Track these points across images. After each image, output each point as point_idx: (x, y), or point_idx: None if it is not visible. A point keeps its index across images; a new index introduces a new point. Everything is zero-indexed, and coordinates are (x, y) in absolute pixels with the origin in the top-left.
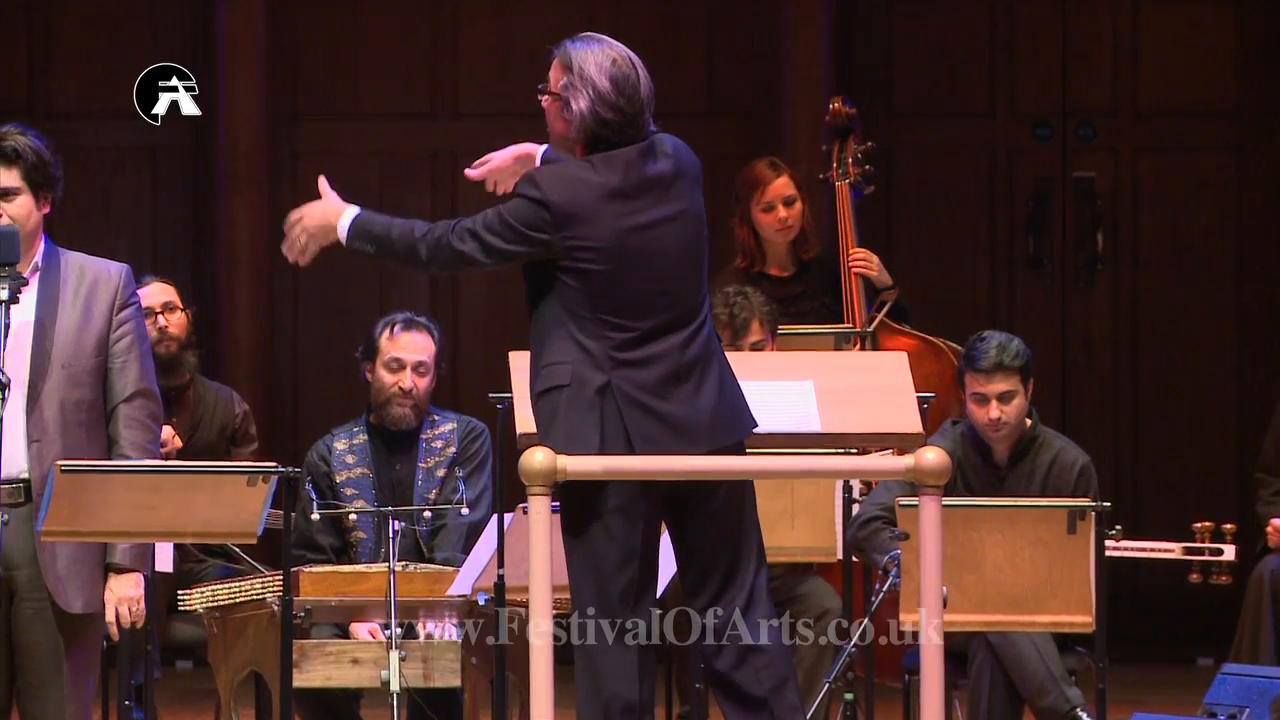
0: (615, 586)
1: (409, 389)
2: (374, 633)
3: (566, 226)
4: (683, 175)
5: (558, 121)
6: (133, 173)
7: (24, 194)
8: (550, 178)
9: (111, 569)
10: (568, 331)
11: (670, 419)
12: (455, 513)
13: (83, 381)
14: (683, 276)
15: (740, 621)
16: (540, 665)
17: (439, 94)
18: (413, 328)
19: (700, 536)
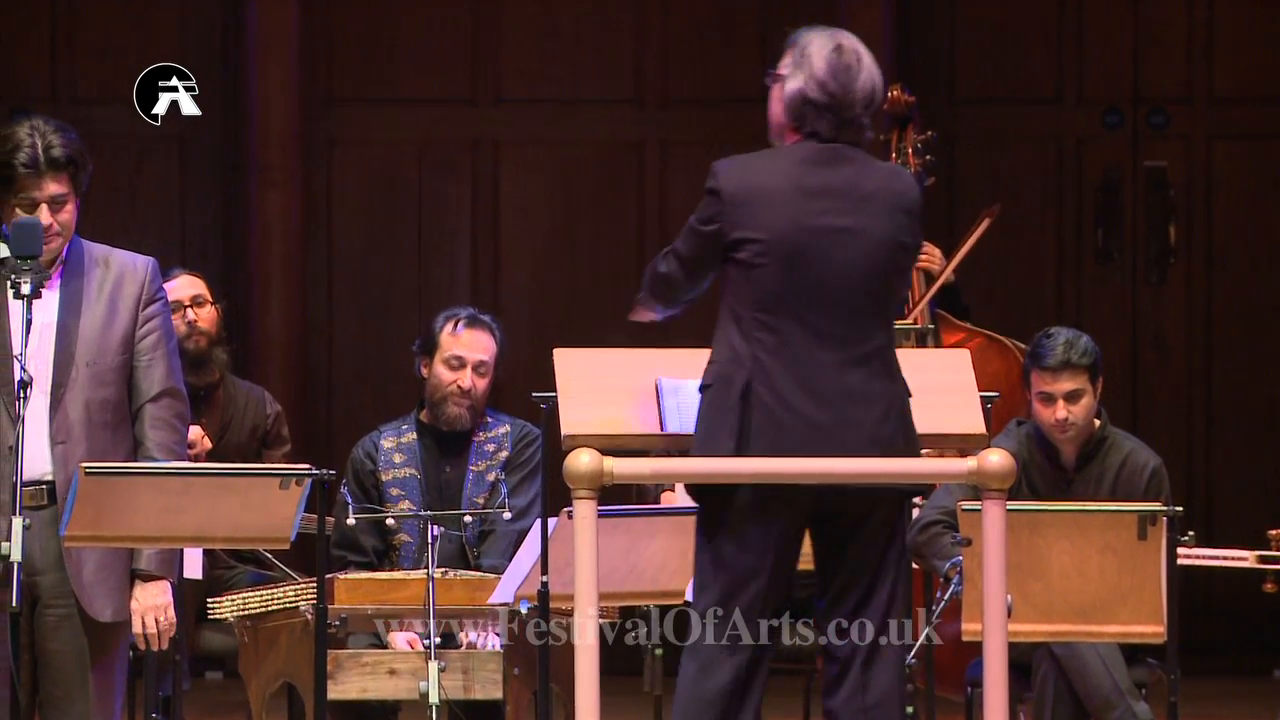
0: (739, 594)
1: (468, 388)
2: (412, 642)
3: (734, 215)
4: (882, 196)
5: (775, 104)
6: (160, 161)
7: (72, 200)
8: (728, 165)
9: (137, 576)
10: (725, 329)
11: (800, 440)
12: (501, 518)
13: (108, 380)
14: (853, 295)
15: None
16: (585, 674)
17: (480, 79)
18: (476, 325)
19: (842, 559)
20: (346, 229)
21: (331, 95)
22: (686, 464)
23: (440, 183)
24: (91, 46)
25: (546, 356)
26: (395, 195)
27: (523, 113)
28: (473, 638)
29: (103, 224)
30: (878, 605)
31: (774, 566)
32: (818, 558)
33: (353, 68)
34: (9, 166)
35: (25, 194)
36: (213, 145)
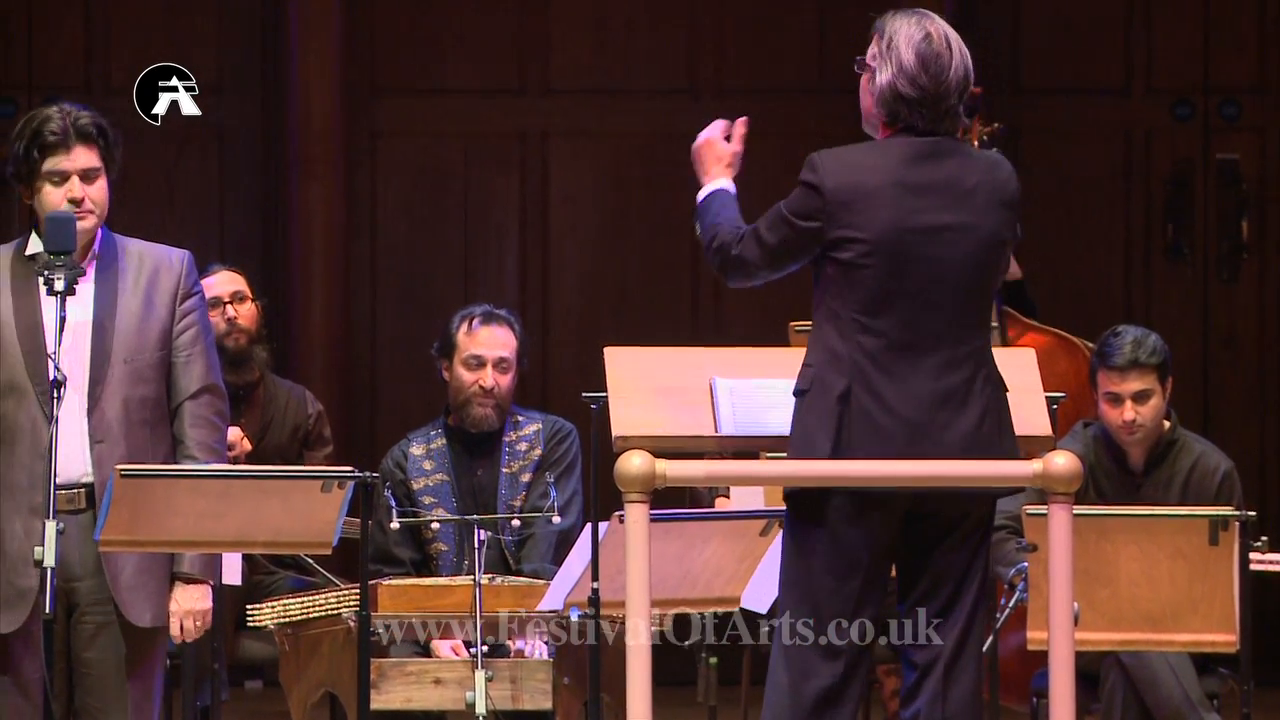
0: (835, 597)
1: (490, 387)
2: (458, 650)
3: (837, 213)
4: (984, 190)
5: (866, 96)
6: (198, 154)
7: (104, 176)
8: (829, 160)
9: (178, 578)
10: (823, 330)
11: (901, 445)
12: (544, 521)
13: (146, 377)
14: (957, 295)
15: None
16: (638, 682)
17: (528, 68)
18: (492, 321)
19: (930, 563)
20: (390, 223)
21: (375, 86)
22: (742, 467)
23: (487, 176)
24: (126, 36)
25: (596, 355)
26: (440, 189)
27: (572, 104)
28: (521, 646)
29: (139, 219)
30: (962, 610)
31: (869, 568)
32: (903, 560)
33: (397, 57)
34: (38, 136)
35: (55, 167)
36: (253, 137)
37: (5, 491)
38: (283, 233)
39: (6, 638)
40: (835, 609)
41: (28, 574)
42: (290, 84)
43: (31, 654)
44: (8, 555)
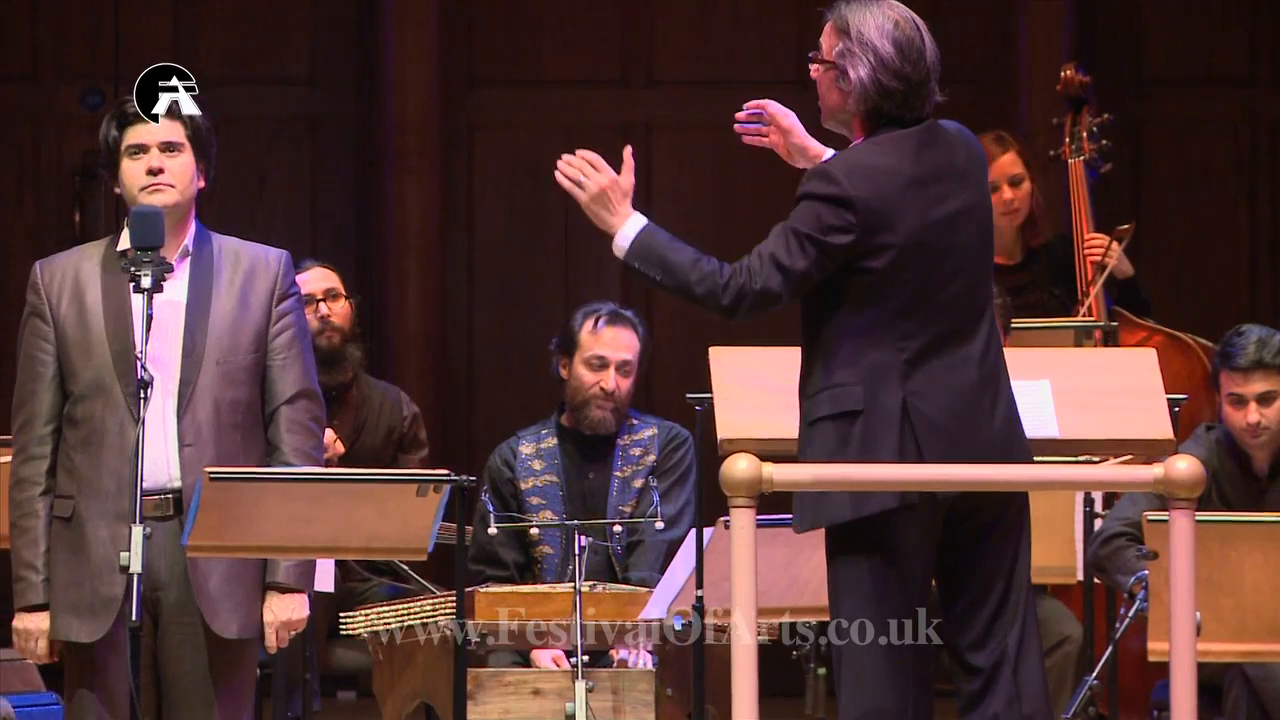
0: (889, 608)
1: (612, 390)
2: (558, 660)
3: (869, 224)
4: (972, 164)
5: (831, 93)
6: (290, 146)
7: (188, 153)
8: (845, 168)
9: (273, 588)
10: (856, 345)
11: (967, 442)
12: (651, 527)
13: (239, 380)
14: (974, 280)
15: (1009, 666)
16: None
17: (632, 58)
18: (618, 322)
19: (976, 563)
20: (488, 218)
21: (473, 76)
22: (853, 470)
23: None
24: (216, 25)
25: (701, 355)
26: (540, 182)
27: (677, 94)
28: (623, 655)
29: (229, 211)
30: (1018, 606)
31: (924, 576)
32: (948, 564)
33: (495, 47)
34: (120, 110)
35: (134, 140)
36: (347, 129)
37: (90, 496)
38: (377, 228)
39: (92, 647)
40: (900, 617)
41: (113, 581)
42: (385, 74)
43: (117, 664)
44: (92, 562)
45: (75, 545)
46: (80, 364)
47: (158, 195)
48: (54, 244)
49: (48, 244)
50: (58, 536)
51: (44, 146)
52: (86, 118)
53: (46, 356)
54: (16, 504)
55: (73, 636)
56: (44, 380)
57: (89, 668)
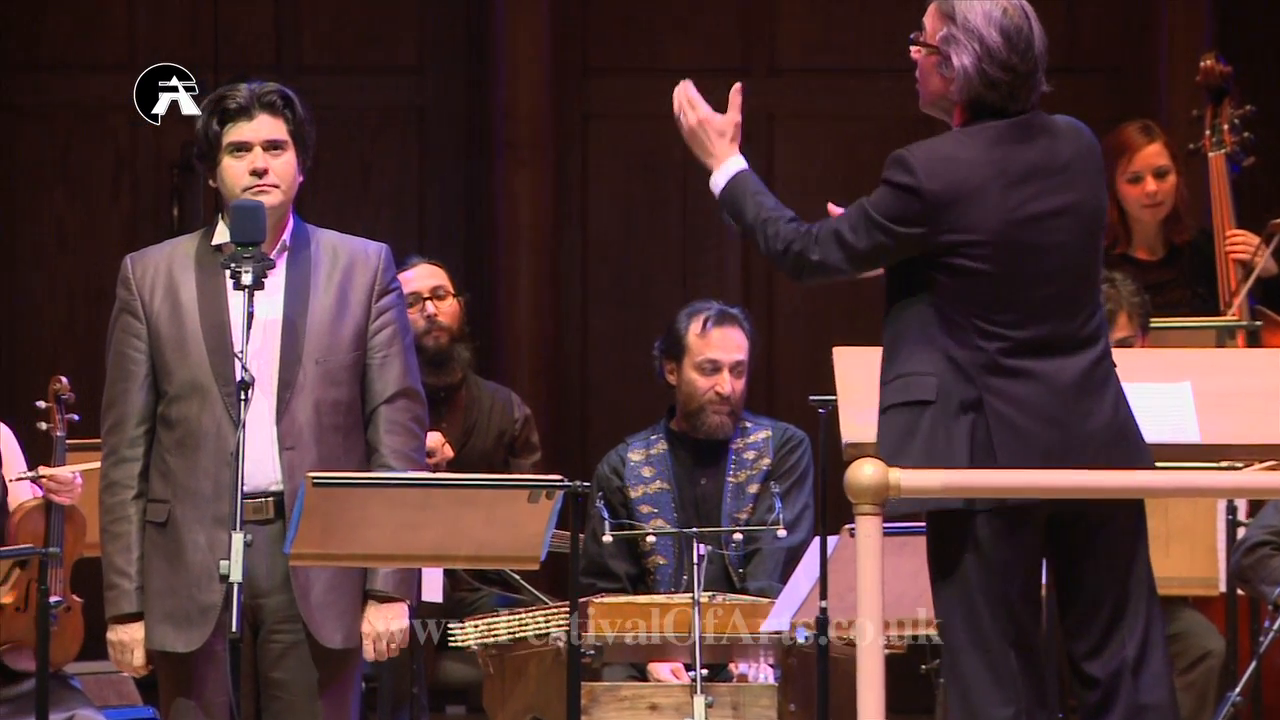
0: (992, 620)
1: (727, 394)
2: (676, 673)
3: (944, 217)
4: (1078, 161)
5: (933, 79)
6: (397, 138)
7: (291, 150)
8: (924, 158)
9: (372, 597)
10: (934, 338)
11: (1047, 445)
12: (770, 535)
13: (339, 380)
14: (1075, 281)
15: (1129, 674)
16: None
17: (753, 47)
18: (726, 322)
19: (1086, 570)
20: (603, 213)
21: (587, 65)
22: (981, 476)
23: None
24: (321, 10)
25: (825, 354)
26: (657, 175)
27: (801, 84)
28: (744, 669)
29: (332, 206)
30: (1138, 613)
31: (1025, 584)
32: (1057, 572)
33: (610, 34)
34: (220, 105)
35: (237, 138)
36: (455, 120)
37: (187, 501)
38: (487, 222)
39: (190, 657)
40: (999, 632)
41: (211, 589)
42: (497, 63)
43: (216, 675)
44: (190, 569)
45: (171, 552)
46: (175, 363)
47: (263, 198)
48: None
49: (144, 238)
50: (152, 542)
51: (140, 138)
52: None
53: (138, 355)
54: (107, 509)
55: (169, 647)
56: (136, 380)
57: (186, 679)
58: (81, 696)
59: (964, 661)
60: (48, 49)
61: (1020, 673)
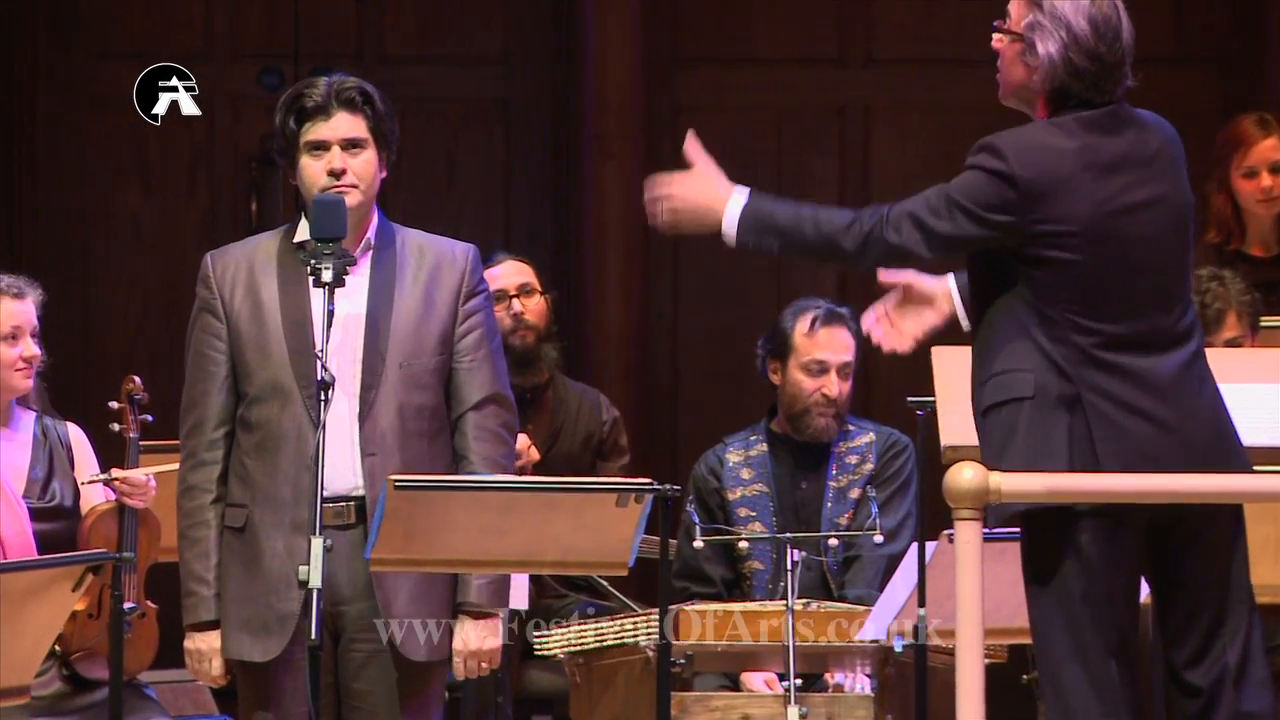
0: (1092, 628)
1: (834, 396)
2: (770, 683)
3: (1036, 206)
4: (1165, 153)
5: (1016, 68)
6: (482, 130)
7: (371, 148)
8: (1015, 145)
9: (464, 611)
10: (1028, 333)
11: (1148, 440)
12: (869, 541)
13: (424, 384)
14: (1167, 275)
15: (1230, 683)
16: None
17: (849, 35)
18: (834, 321)
19: (1186, 575)
20: None
21: (678, 55)
22: (1085, 481)
23: (802, 154)
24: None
25: (924, 355)
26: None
27: (898, 75)
28: (839, 679)
29: (414, 200)
30: (1238, 621)
31: (1126, 590)
32: (1156, 577)
33: (702, 23)
34: (297, 102)
35: (315, 136)
36: (543, 113)
37: (266, 506)
38: (575, 217)
39: (268, 666)
40: (1100, 641)
41: (290, 596)
42: (585, 53)
43: (295, 685)
44: (268, 576)
45: (249, 558)
46: (255, 364)
47: (343, 198)
48: (228, 234)
49: (222, 234)
50: (229, 548)
51: (218, 130)
52: (263, 99)
53: (218, 355)
54: (185, 513)
55: (246, 655)
56: (215, 381)
57: (264, 689)
58: (156, 706)
59: (1064, 672)
60: (123, 39)
61: (1120, 683)
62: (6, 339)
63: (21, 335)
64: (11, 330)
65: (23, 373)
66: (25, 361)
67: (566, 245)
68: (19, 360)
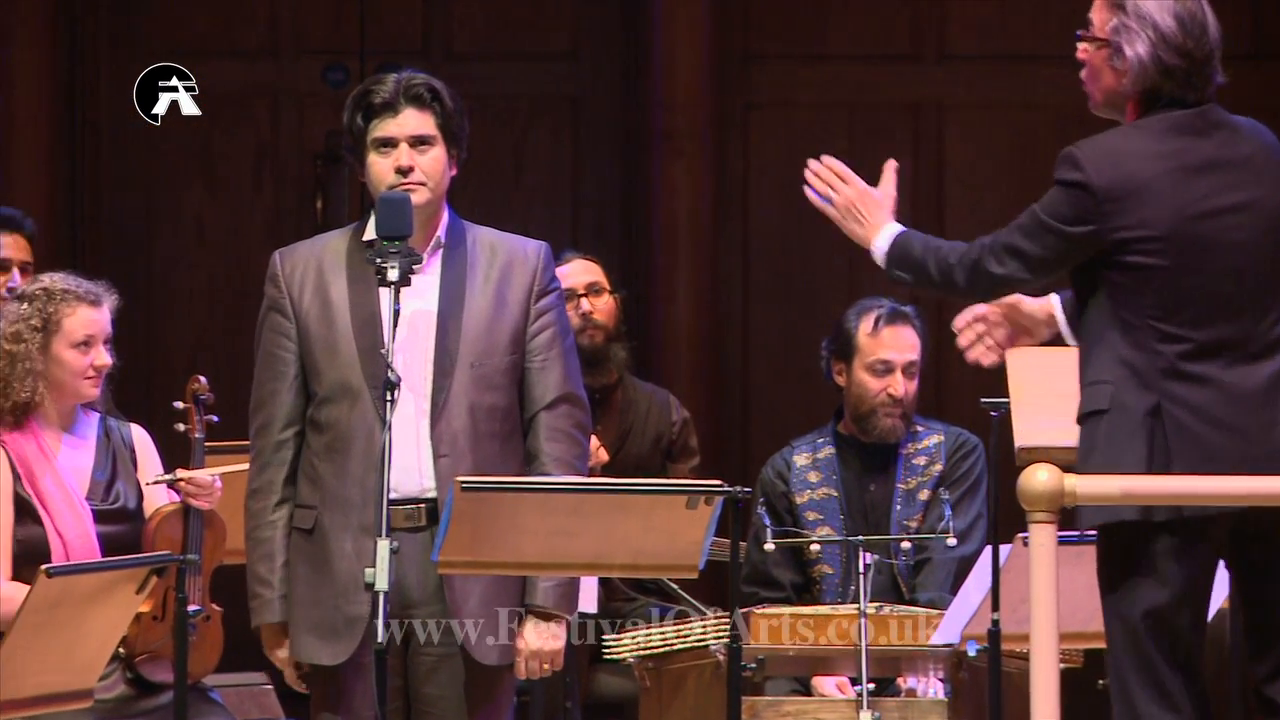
0: (1159, 641)
1: (900, 396)
2: (842, 688)
3: (1115, 213)
4: (1260, 155)
5: (1104, 74)
6: (550, 127)
7: (439, 145)
8: (1092, 153)
9: (531, 612)
10: (1111, 344)
11: (1227, 453)
12: (940, 544)
13: (495, 384)
14: (1257, 282)
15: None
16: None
17: (922, 31)
18: (899, 320)
19: (1267, 591)
20: (765, 205)
21: (748, 51)
22: (1161, 483)
23: (874, 151)
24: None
25: None
26: None
27: (972, 71)
28: (912, 684)
29: (482, 198)
30: None
31: (1195, 605)
32: (1240, 592)
33: (773, 18)
34: (365, 99)
35: (382, 133)
36: (611, 109)
37: (335, 507)
38: (643, 216)
39: (336, 670)
40: (1165, 653)
41: (358, 599)
42: (654, 50)
43: (365, 688)
44: (336, 578)
45: (317, 560)
46: (325, 363)
47: (410, 196)
48: (294, 232)
49: (287, 232)
50: (298, 550)
51: (283, 127)
52: (329, 96)
53: (287, 354)
54: (252, 514)
55: (315, 659)
56: (285, 380)
57: (333, 693)
58: (221, 710)
59: (1131, 681)
60: (188, 35)
61: (1185, 694)
62: (80, 346)
63: (95, 343)
64: (86, 338)
65: (92, 381)
66: (96, 370)
67: (635, 244)
68: (89, 369)
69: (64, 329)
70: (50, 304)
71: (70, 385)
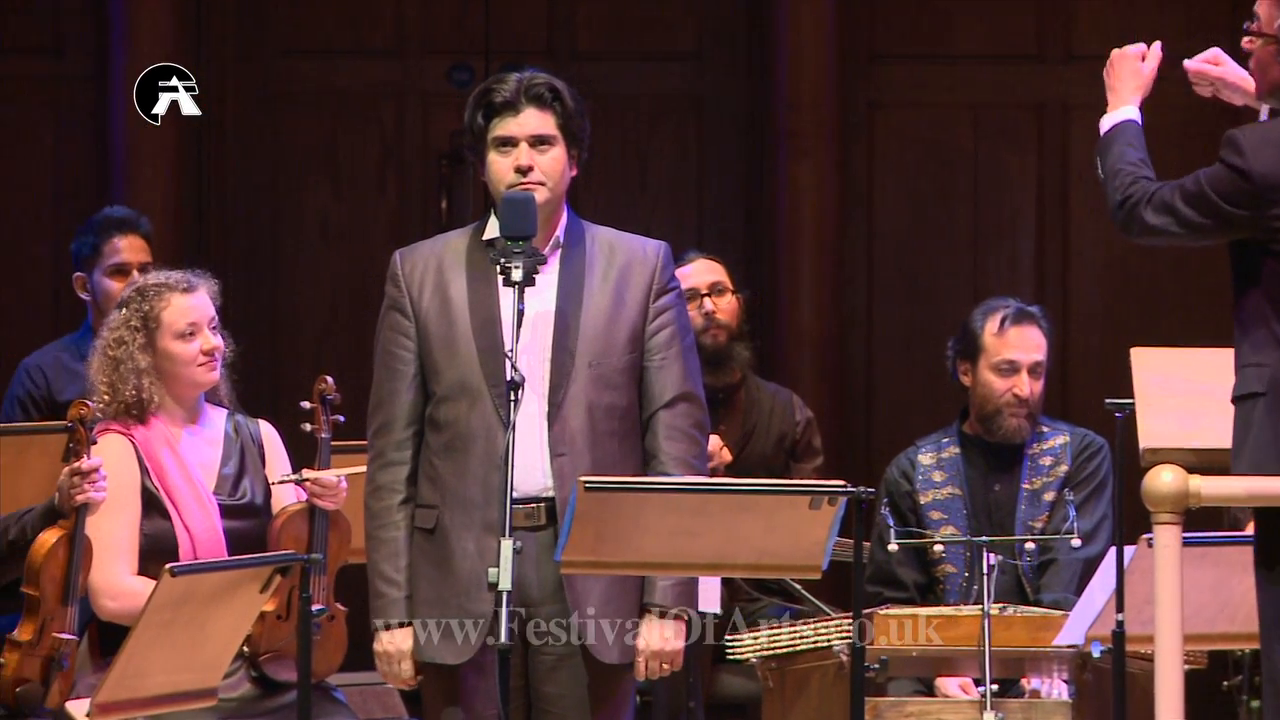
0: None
1: (1025, 396)
2: (965, 688)
3: (1274, 201)
4: None
5: (1272, 69)
6: (675, 128)
7: (559, 145)
8: (1255, 140)
9: (650, 611)
10: (1269, 326)
11: None
12: (1065, 545)
13: (614, 383)
14: None
15: None
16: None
17: (1048, 30)
18: (1025, 320)
19: None
20: (889, 206)
21: (873, 51)
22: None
23: (1000, 152)
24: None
25: (1123, 356)
26: (947, 167)
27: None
28: (1036, 685)
29: (606, 198)
30: None
31: None
32: None
33: (899, 18)
34: (487, 97)
35: (502, 132)
36: (736, 109)
37: (456, 507)
38: (768, 216)
39: (458, 669)
40: None
41: (481, 598)
42: (779, 49)
43: (484, 686)
44: (459, 577)
45: (439, 559)
46: (444, 363)
47: (533, 195)
48: (418, 232)
49: (411, 231)
50: (420, 549)
51: (408, 127)
52: (454, 96)
53: (407, 354)
54: (374, 514)
55: (438, 658)
56: (404, 380)
57: (454, 692)
58: (345, 709)
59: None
60: (312, 35)
61: None
62: (184, 335)
63: (199, 330)
64: (188, 326)
65: (206, 366)
66: (206, 355)
67: (759, 244)
68: (199, 355)
69: (164, 322)
70: (145, 302)
71: (186, 375)
